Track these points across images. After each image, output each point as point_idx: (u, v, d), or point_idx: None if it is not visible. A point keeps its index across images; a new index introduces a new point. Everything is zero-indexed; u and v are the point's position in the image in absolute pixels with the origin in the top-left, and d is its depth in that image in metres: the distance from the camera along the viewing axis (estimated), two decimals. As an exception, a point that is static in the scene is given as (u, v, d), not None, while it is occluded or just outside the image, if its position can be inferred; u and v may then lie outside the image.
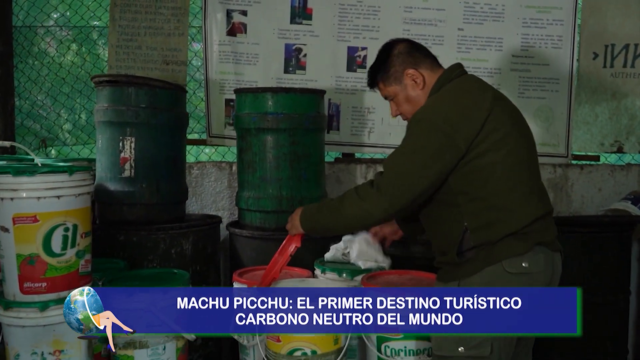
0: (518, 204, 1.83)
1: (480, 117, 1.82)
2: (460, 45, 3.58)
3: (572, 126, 3.60)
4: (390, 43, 2.10)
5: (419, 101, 1.99)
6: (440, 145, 1.80)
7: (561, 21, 3.55)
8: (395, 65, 2.02)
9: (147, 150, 2.90)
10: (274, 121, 2.86)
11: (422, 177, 1.81)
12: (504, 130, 1.84)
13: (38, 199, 2.01)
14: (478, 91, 1.92)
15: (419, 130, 1.85)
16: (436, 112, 1.85)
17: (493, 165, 1.81)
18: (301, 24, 3.58)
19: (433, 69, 2.02)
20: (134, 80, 2.93)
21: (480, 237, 1.80)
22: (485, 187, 1.82)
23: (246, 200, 2.97)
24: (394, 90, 2.04)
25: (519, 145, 1.88)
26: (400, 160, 1.86)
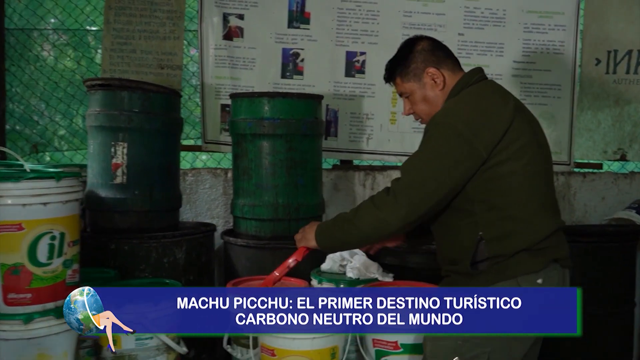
0: (535, 216, 1.76)
1: (502, 124, 1.74)
2: (461, 51, 3.51)
3: (574, 133, 3.53)
4: (414, 39, 2.01)
5: (436, 102, 1.92)
6: (461, 151, 1.73)
7: (563, 27, 3.49)
8: (416, 62, 1.93)
9: (140, 156, 2.82)
10: (270, 127, 2.78)
11: (442, 184, 1.73)
12: (524, 139, 1.77)
13: (23, 206, 1.93)
14: (500, 98, 1.85)
15: (438, 134, 1.77)
16: (457, 116, 1.77)
17: (512, 174, 1.74)
18: (299, 28, 3.52)
19: (454, 71, 1.94)
20: (128, 84, 2.86)
21: (495, 248, 1.73)
22: (503, 196, 1.75)
23: (241, 208, 2.89)
24: (411, 87, 1.95)
25: (537, 156, 1.81)
26: (419, 165, 1.78)
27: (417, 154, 1.81)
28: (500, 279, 1.71)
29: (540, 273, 1.71)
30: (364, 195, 3.48)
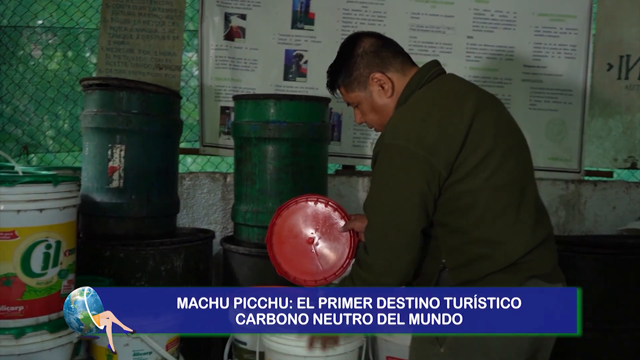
0: (505, 236, 1.56)
1: (459, 134, 1.54)
2: (470, 54, 3.42)
3: (585, 140, 3.44)
4: (354, 38, 1.75)
5: (387, 110, 1.71)
6: (421, 175, 1.52)
7: (575, 30, 3.40)
8: (359, 68, 1.70)
9: (138, 159, 2.69)
10: (276, 130, 2.66)
11: (411, 220, 1.53)
12: (485, 147, 1.55)
13: (17, 212, 1.81)
14: (455, 99, 1.61)
15: (390, 161, 1.56)
16: (407, 134, 1.55)
17: (473, 191, 1.54)
18: (303, 29, 3.41)
19: (404, 71, 1.70)
20: (126, 84, 2.72)
21: (460, 275, 1.57)
22: (465, 218, 1.55)
23: (244, 215, 2.77)
24: (357, 96, 1.73)
25: (505, 164, 1.58)
26: (378, 205, 1.57)
27: (373, 189, 1.61)
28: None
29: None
30: (369, 202, 3.37)
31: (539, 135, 3.41)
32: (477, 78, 3.42)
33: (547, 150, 3.42)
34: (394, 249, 1.54)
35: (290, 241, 2.04)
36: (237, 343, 2.29)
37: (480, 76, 3.42)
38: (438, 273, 1.58)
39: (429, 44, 3.41)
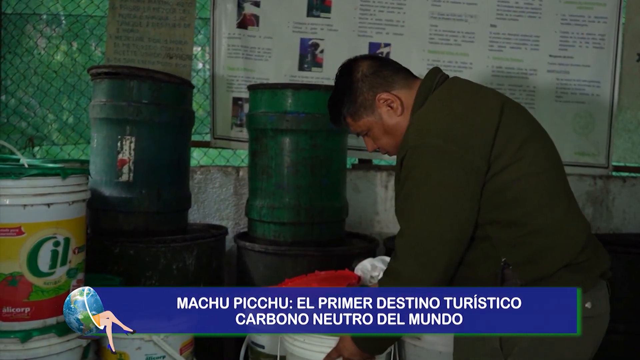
0: (564, 222, 1.47)
1: (490, 125, 1.45)
2: (493, 43, 3.28)
3: (613, 134, 3.31)
4: (348, 66, 1.66)
5: (400, 129, 1.59)
6: (457, 171, 1.41)
7: (604, 19, 3.25)
8: (363, 92, 1.60)
9: (149, 152, 2.57)
10: (294, 121, 2.54)
11: (456, 224, 1.41)
12: (521, 135, 1.47)
13: (24, 207, 1.69)
14: (476, 94, 1.55)
15: (420, 162, 1.44)
16: (434, 132, 1.44)
17: (520, 179, 1.43)
18: (319, 17, 3.27)
19: (409, 85, 1.60)
20: (137, 72, 2.61)
21: (528, 272, 1.43)
22: (519, 208, 1.44)
23: (259, 210, 2.64)
24: (366, 123, 1.62)
25: (542, 151, 1.50)
26: (413, 212, 1.44)
27: (406, 196, 1.47)
28: None
29: (587, 295, 1.42)
30: (386, 198, 3.24)
31: (565, 128, 3.27)
32: (501, 69, 3.29)
33: (574, 144, 3.29)
34: (431, 258, 1.41)
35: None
36: (254, 346, 2.17)
37: (504, 67, 3.29)
38: (501, 272, 1.43)
39: (450, 33, 3.28)
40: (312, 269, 2.30)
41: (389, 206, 3.24)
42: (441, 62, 3.28)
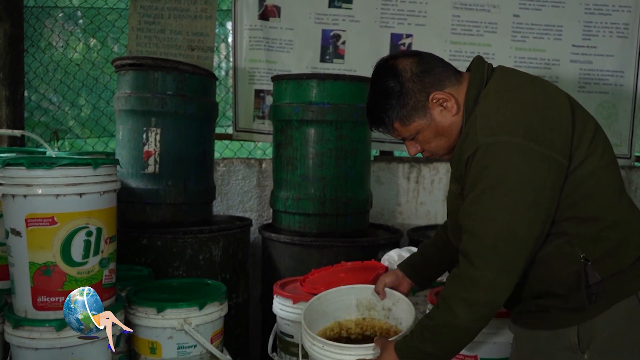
0: (632, 213, 1.45)
1: (565, 118, 1.39)
2: (516, 34, 3.25)
3: (636, 124, 3.27)
4: (391, 67, 1.50)
5: (455, 130, 1.49)
6: (538, 170, 1.33)
7: (628, 8, 3.21)
8: (415, 94, 1.46)
9: (174, 144, 2.59)
10: (319, 112, 2.53)
11: (534, 222, 1.34)
12: (591, 125, 1.43)
13: (56, 197, 1.70)
14: (537, 85, 1.46)
15: (497, 161, 1.34)
16: (510, 128, 1.35)
17: (595, 172, 1.40)
18: (340, 8, 3.26)
19: (458, 80, 1.49)
20: (161, 63, 2.62)
21: (608, 266, 1.39)
22: (595, 203, 1.40)
23: (284, 202, 2.64)
24: (416, 127, 1.49)
25: (606, 141, 1.47)
26: (493, 212, 1.34)
27: (479, 197, 1.36)
28: (614, 300, 1.39)
29: None
30: (408, 190, 3.23)
31: (589, 118, 3.24)
32: (523, 59, 3.26)
33: (597, 134, 3.25)
34: (510, 262, 1.35)
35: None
36: (282, 336, 2.18)
37: (527, 57, 3.26)
38: (582, 269, 1.38)
39: (473, 23, 3.25)
40: (338, 259, 2.31)
41: (411, 197, 3.23)
42: (463, 52, 3.26)
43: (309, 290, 2.09)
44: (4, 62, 3.19)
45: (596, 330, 1.39)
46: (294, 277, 2.31)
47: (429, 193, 3.21)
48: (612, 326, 1.39)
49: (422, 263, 1.81)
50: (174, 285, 2.21)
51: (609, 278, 1.39)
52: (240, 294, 2.73)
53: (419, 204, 3.22)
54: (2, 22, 3.16)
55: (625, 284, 1.40)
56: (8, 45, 3.21)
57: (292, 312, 2.08)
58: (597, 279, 1.38)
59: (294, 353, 2.12)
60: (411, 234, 2.83)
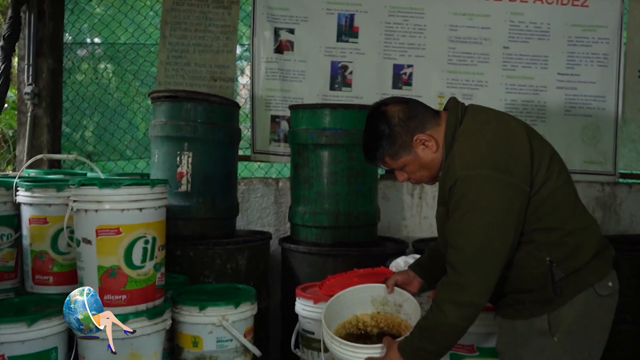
0: (587, 222, 1.78)
1: (525, 149, 1.70)
2: (506, 63, 3.61)
3: (618, 144, 3.61)
4: (382, 113, 1.82)
5: (436, 164, 1.80)
6: (507, 197, 1.64)
7: (607, 40, 3.58)
8: (401, 136, 1.77)
9: (204, 165, 2.91)
10: (332, 137, 2.87)
11: (505, 239, 1.65)
12: (546, 152, 1.75)
13: (122, 211, 2.02)
14: (501, 122, 1.77)
15: (472, 190, 1.65)
16: (480, 162, 1.66)
17: (554, 191, 1.71)
18: (347, 42, 3.62)
19: (437, 122, 1.80)
20: (193, 95, 2.95)
21: (570, 265, 1.71)
22: (556, 215, 1.71)
23: (302, 216, 2.97)
24: (403, 161, 1.81)
25: (561, 161, 1.79)
26: (472, 230, 1.64)
27: (460, 218, 1.66)
28: (575, 292, 1.72)
29: (609, 276, 1.76)
30: (412, 205, 3.56)
31: (574, 139, 3.59)
32: (514, 86, 3.61)
33: (583, 154, 3.60)
34: (488, 269, 1.65)
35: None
36: (304, 333, 2.48)
37: (517, 84, 3.61)
38: (548, 269, 1.69)
39: (467, 55, 3.61)
40: (351, 266, 2.60)
41: (415, 212, 3.56)
42: (459, 81, 3.61)
43: (327, 292, 2.40)
44: (47, 93, 3.55)
45: (562, 317, 1.71)
46: (312, 283, 2.62)
47: (431, 208, 3.54)
48: (575, 313, 1.70)
49: (430, 264, 2.12)
50: (209, 289, 2.52)
51: (570, 275, 1.70)
52: (262, 300, 3.02)
53: (422, 218, 3.55)
54: (46, 57, 3.52)
55: (584, 279, 1.71)
56: (50, 78, 3.56)
57: (314, 312, 2.39)
58: (561, 276, 1.69)
59: (315, 348, 2.42)
60: (416, 245, 3.15)
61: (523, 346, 1.78)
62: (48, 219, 2.36)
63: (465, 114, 1.79)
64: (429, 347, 1.71)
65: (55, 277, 2.38)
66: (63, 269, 2.39)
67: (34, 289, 2.40)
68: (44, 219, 2.36)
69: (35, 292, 2.38)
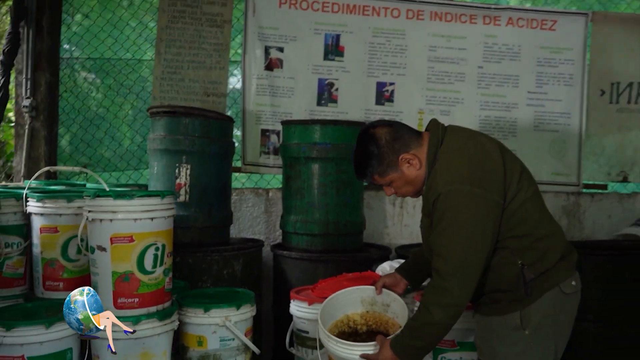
0: (554, 229, 2.02)
1: (499, 166, 1.92)
2: (480, 82, 3.88)
3: (582, 157, 3.91)
4: (371, 135, 2.02)
5: (420, 179, 2.00)
6: (484, 209, 1.85)
7: (572, 61, 3.89)
8: (388, 155, 1.98)
9: (201, 177, 3.09)
10: (322, 151, 3.09)
11: (484, 246, 1.86)
12: (516, 169, 1.97)
13: (135, 221, 2.20)
14: (476, 141, 1.99)
15: (453, 204, 1.86)
16: (460, 179, 1.87)
17: (525, 202, 1.93)
18: (334, 61, 3.85)
19: (419, 141, 2.01)
20: (191, 111, 3.13)
21: (538, 268, 1.93)
22: (527, 224, 1.93)
23: (294, 224, 3.17)
24: (390, 178, 2.02)
25: (530, 178, 2.01)
26: (455, 240, 1.86)
27: (444, 230, 1.87)
28: (544, 291, 1.95)
29: (573, 276, 2.01)
30: (394, 214, 3.80)
31: (543, 153, 3.87)
32: (488, 103, 3.88)
33: (550, 166, 3.88)
34: (469, 274, 1.86)
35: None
36: (299, 332, 2.68)
37: (490, 101, 3.88)
38: (521, 272, 1.91)
39: (444, 73, 3.87)
40: (340, 271, 2.81)
41: (397, 221, 3.79)
42: (437, 98, 3.87)
43: (319, 294, 2.61)
44: (44, 106, 3.68)
45: (533, 313, 1.94)
46: (305, 286, 2.83)
47: (412, 217, 3.78)
48: (544, 309, 1.94)
49: (414, 268, 2.36)
50: (211, 293, 2.69)
51: (539, 276, 1.94)
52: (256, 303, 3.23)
53: (403, 226, 3.79)
54: (44, 71, 3.67)
55: (551, 279, 1.95)
56: (47, 92, 3.70)
57: (308, 312, 2.58)
58: (531, 277, 1.93)
59: (310, 346, 2.61)
60: (398, 250, 3.38)
61: (498, 340, 2.01)
62: (59, 228, 2.51)
63: (445, 134, 2.01)
64: (418, 344, 1.93)
65: (65, 283, 2.53)
66: (73, 275, 2.54)
67: (44, 294, 2.54)
68: (54, 228, 2.51)
69: (46, 298, 2.53)
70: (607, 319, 3.16)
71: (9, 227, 2.55)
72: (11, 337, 2.13)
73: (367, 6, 3.82)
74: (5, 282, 2.56)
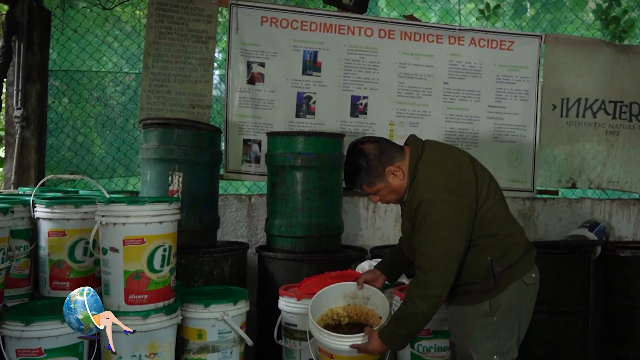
0: (516, 228, 2.36)
1: (470, 176, 2.23)
2: (446, 97, 4.23)
3: (536, 166, 4.30)
4: (360, 150, 2.29)
5: (403, 188, 2.28)
6: (460, 214, 2.14)
7: (527, 78, 4.28)
8: (376, 168, 2.26)
9: (192, 184, 3.31)
10: (306, 160, 3.35)
11: (460, 244, 2.16)
12: (485, 178, 2.30)
13: (146, 224, 2.42)
14: (452, 154, 2.32)
15: (434, 209, 2.13)
16: (438, 188, 2.16)
17: (492, 206, 2.25)
18: (311, 75, 4.12)
19: (402, 154, 2.29)
20: (183, 122, 3.35)
21: (504, 262, 2.24)
22: (494, 225, 2.25)
23: (279, 228, 3.43)
24: (377, 187, 2.30)
25: (496, 186, 2.33)
26: (435, 240, 2.14)
27: (426, 232, 2.15)
28: (509, 282, 2.27)
29: (533, 269, 2.35)
30: (367, 218, 4.09)
31: (501, 162, 4.25)
32: (452, 116, 4.23)
33: (508, 174, 4.26)
34: (447, 269, 2.17)
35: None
36: (287, 326, 2.93)
37: (455, 114, 4.23)
38: (490, 266, 2.21)
39: (413, 88, 4.20)
40: (323, 270, 3.08)
41: (370, 224, 4.09)
42: (407, 111, 4.19)
43: (306, 291, 2.88)
44: (35, 117, 3.83)
45: (500, 301, 2.27)
46: (291, 284, 3.09)
47: (384, 220, 4.08)
48: (509, 298, 2.27)
49: (392, 264, 2.66)
50: (207, 291, 2.92)
51: (505, 269, 2.26)
52: (242, 302, 3.47)
53: (376, 229, 4.09)
54: (35, 83, 3.81)
55: (515, 272, 2.28)
56: (37, 102, 3.85)
57: (296, 307, 2.84)
58: (498, 270, 2.25)
59: (298, 337, 2.87)
60: (373, 251, 3.68)
61: (470, 325, 2.33)
62: (66, 232, 2.71)
63: (423, 149, 2.33)
64: (403, 332, 2.25)
65: (72, 283, 2.72)
66: (79, 275, 2.74)
67: (51, 293, 2.73)
68: (62, 231, 2.71)
69: (53, 296, 2.72)
70: (557, 309, 3.55)
71: (16, 232, 2.73)
72: (29, 331, 2.34)
73: (342, 25, 4.12)
74: (13, 282, 2.73)
